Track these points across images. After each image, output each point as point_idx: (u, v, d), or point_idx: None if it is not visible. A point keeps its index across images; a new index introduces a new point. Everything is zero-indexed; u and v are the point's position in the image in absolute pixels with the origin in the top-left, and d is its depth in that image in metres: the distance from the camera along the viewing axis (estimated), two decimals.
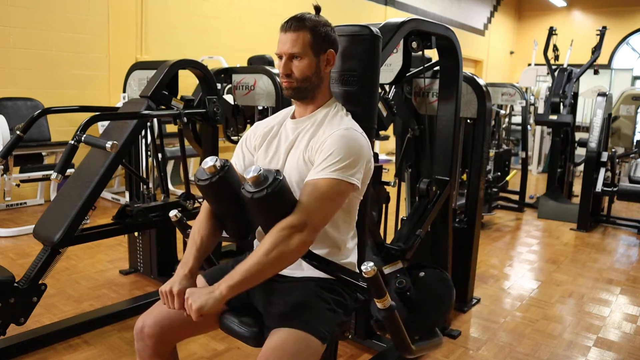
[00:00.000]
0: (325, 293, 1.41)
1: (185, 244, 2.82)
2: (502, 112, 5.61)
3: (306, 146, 1.41)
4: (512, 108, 6.12)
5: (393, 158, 8.15)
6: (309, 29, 1.38)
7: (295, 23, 1.38)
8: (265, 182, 1.23)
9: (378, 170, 2.12)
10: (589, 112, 9.52)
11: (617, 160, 5.02)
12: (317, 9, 1.46)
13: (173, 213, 1.56)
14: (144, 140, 3.13)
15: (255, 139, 1.55)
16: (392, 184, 2.36)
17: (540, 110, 7.07)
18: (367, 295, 1.81)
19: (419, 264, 2.12)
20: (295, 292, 1.41)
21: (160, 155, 3.04)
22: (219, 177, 1.31)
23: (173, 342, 1.49)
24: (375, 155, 1.55)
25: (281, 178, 1.25)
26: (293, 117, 1.52)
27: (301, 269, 1.45)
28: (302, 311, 1.35)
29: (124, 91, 3.20)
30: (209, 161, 1.31)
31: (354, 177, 1.33)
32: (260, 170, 1.24)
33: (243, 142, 1.57)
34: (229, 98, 3.20)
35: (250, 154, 1.55)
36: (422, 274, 2.03)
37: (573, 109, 5.89)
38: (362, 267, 1.22)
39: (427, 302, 1.96)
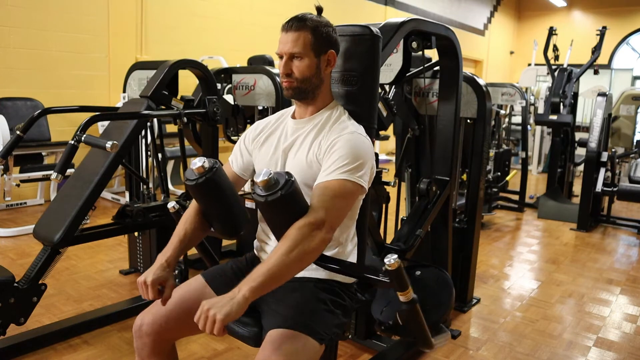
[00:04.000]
0: (324, 294, 1.41)
1: None
2: (502, 112, 5.61)
3: (309, 148, 1.42)
4: (512, 108, 6.12)
5: (393, 158, 8.15)
6: (310, 29, 1.38)
7: (297, 23, 1.38)
8: (276, 185, 1.22)
9: (378, 172, 2.13)
10: (589, 112, 9.53)
11: (617, 160, 5.02)
12: (319, 9, 1.46)
13: (171, 205, 1.58)
14: (144, 140, 3.13)
15: (254, 137, 1.56)
16: (392, 184, 2.36)
17: (540, 110, 7.07)
18: (370, 296, 1.81)
19: (418, 262, 2.12)
20: (293, 293, 1.41)
21: (160, 155, 3.04)
22: (206, 178, 1.32)
23: (172, 340, 1.49)
24: (376, 156, 1.55)
25: (293, 180, 1.24)
26: (294, 116, 1.52)
27: None
28: (299, 312, 1.35)
29: (124, 91, 3.20)
30: (198, 162, 1.32)
31: (362, 179, 1.34)
32: (271, 173, 1.23)
33: (242, 141, 1.58)
34: (229, 98, 3.20)
35: (248, 153, 1.56)
36: (418, 272, 2.02)
37: (573, 109, 5.89)
38: (386, 260, 1.21)
39: (426, 302, 1.95)
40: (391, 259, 1.21)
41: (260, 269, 1.18)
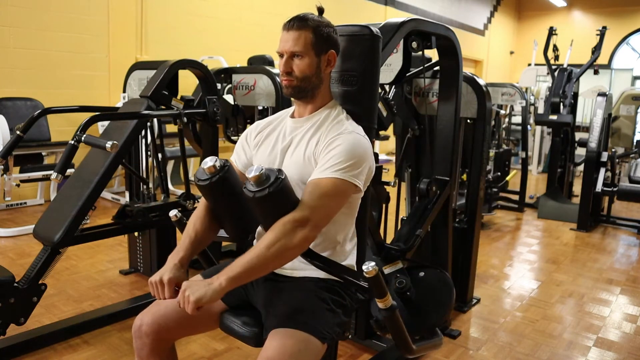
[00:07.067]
0: (325, 293, 1.41)
1: None
2: (502, 112, 5.62)
3: (306, 146, 1.42)
4: (512, 108, 6.12)
5: (393, 158, 8.15)
6: (311, 29, 1.39)
7: (298, 22, 1.39)
8: (267, 181, 1.23)
9: (378, 170, 2.12)
10: (589, 112, 9.52)
11: (617, 160, 5.02)
12: (320, 10, 1.47)
13: (173, 213, 1.56)
14: (144, 140, 3.13)
15: (255, 136, 1.56)
16: (392, 184, 2.36)
17: (540, 110, 7.08)
18: (368, 295, 1.81)
19: (419, 263, 2.12)
20: (294, 293, 1.41)
21: (160, 155, 3.04)
22: (218, 177, 1.31)
23: (171, 340, 1.49)
24: (375, 155, 1.56)
25: (283, 177, 1.25)
26: (292, 116, 1.53)
27: (301, 269, 1.45)
28: (301, 312, 1.35)
29: (124, 91, 3.20)
30: (209, 161, 1.32)
31: (356, 179, 1.34)
32: (262, 169, 1.24)
33: (243, 139, 1.59)
34: (229, 98, 3.20)
35: (250, 150, 1.56)
36: (422, 273, 2.02)
37: (573, 109, 5.89)
38: (364, 267, 1.24)
39: (427, 302, 1.95)
40: (369, 266, 1.24)
41: (241, 260, 1.22)
